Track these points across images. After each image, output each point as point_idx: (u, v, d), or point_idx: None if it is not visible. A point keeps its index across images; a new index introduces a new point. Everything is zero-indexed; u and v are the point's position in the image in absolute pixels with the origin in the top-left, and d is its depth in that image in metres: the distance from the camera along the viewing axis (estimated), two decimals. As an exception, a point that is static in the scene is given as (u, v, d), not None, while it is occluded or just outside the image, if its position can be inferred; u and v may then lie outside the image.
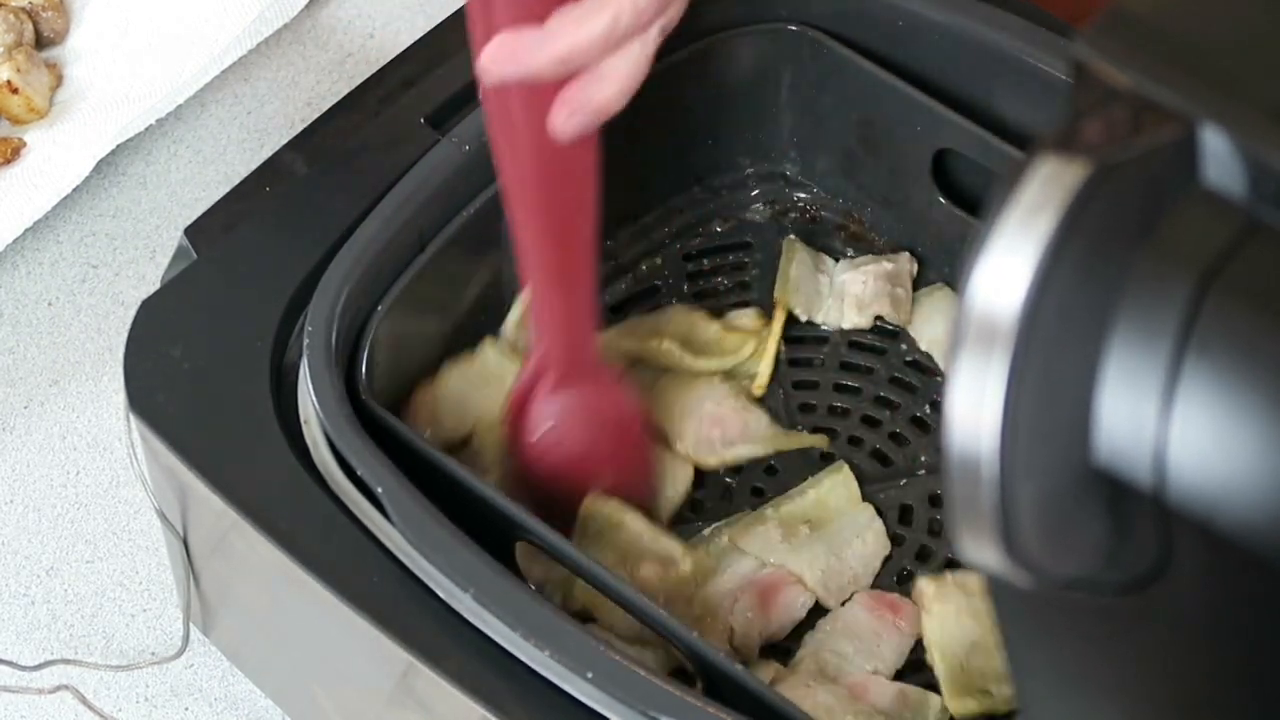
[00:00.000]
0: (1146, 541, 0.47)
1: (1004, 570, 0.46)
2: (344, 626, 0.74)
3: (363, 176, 0.84)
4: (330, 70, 1.06)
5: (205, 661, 0.87)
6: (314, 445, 0.77)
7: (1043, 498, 0.45)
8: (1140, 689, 0.53)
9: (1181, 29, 0.47)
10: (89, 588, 0.90)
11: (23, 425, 0.95)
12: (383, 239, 0.81)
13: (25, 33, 1.04)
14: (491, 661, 0.71)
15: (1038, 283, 0.43)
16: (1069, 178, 0.44)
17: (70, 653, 0.88)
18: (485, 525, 0.75)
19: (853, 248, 0.93)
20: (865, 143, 0.91)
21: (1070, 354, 0.45)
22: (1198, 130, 0.45)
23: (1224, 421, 0.44)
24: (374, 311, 0.81)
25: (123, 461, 0.93)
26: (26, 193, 0.99)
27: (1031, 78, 0.84)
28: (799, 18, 0.89)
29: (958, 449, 0.45)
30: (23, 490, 0.93)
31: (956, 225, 0.89)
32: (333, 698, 0.82)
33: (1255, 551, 0.44)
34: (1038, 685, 0.56)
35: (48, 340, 0.98)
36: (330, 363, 0.77)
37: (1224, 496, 0.44)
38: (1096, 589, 0.49)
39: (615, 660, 0.69)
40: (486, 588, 0.71)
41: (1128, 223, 0.45)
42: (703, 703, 0.68)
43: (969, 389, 0.44)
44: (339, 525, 0.75)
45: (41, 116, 1.03)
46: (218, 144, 1.04)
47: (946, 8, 0.86)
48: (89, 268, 1.00)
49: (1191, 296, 0.44)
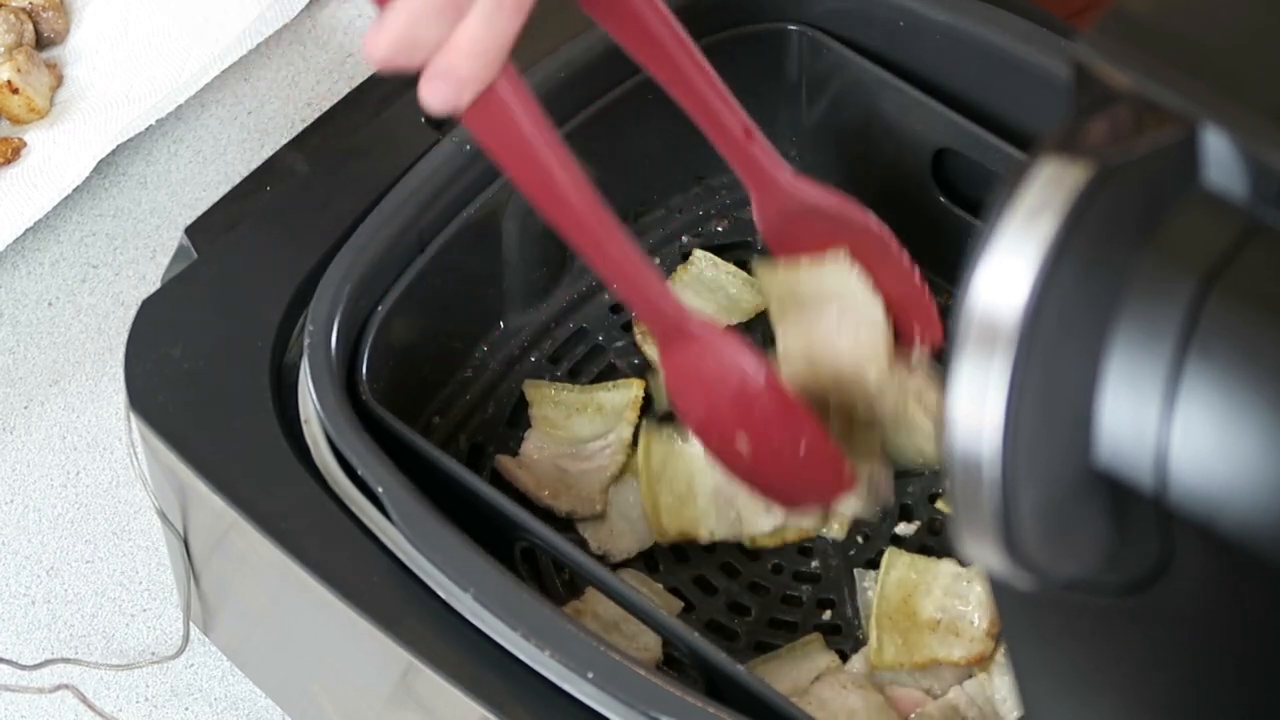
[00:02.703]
0: (1147, 543, 0.47)
1: (1005, 571, 0.46)
2: (344, 626, 0.74)
3: (363, 176, 0.84)
4: (330, 70, 1.06)
5: (205, 661, 0.87)
6: (314, 445, 0.77)
7: (1044, 499, 0.45)
8: (1141, 689, 0.53)
9: (1182, 29, 0.46)
10: (89, 588, 0.90)
11: (23, 425, 0.95)
12: (383, 239, 0.81)
13: (25, 33, 1.04)
14: (491, 661, 0.71)
15: (1039, 284, 0.43)
16: (1070, 179, 0.44)
17: (70, 652, 0.88)
18: (485, 525, 0.75)
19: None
20: (865, 143, 0.91)
21: (1072, 356, 0.45)
22: (1199, 131, 0.45)
23: (1225, 423, 0.44)
24: (374, 311, 0.81)
25: (123, 461, 0.93)
26: (26, 193, 0.99)
27: (1031, 78, 0.84)
28: (799, 18, 0.89)
29: (959, 450, 0.45)
30: (23, 490, 0.93)
31: (956, 225, 0.89)
32: (333, 698, 0.82)
33: (1256, 554, 0.44)
34: (1039, 685, 0.56)
35: (48, 340, 0.98)
36: (330, 363, 0.77)
37: (1225, 499, 0.44)
38: (1097, 590, 0.49)
39: (615, 660, 0.69)
40: (486, 588, 0.71)
41: (1129, 224, 0.45)
42: (703, 703, 0.68)
43: (970, 390, 0.44)
44: (339, 525, 0.75)
45: (41, 116, 1.03)
46: (218, 144, 1.04)
47: (946, 8, 0.86)
48: (89, 268, 1.00)
49: (1193, 298, 0.44)
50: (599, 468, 0.85)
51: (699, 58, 0.78)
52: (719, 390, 0.77)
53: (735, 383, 0.77)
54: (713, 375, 0.77)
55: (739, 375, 0.77)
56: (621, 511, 0.84)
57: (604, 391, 0.87)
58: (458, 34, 0.67)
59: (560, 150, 0.72)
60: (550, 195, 0.73)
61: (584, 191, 0.73)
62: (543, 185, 0.73)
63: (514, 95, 0.70)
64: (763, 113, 0.91)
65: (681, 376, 0.77)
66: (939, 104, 0.86)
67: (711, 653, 0.72)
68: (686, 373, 0.77)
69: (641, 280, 0.76)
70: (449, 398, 0.87)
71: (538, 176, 0.72)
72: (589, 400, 0.87)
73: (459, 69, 0.67)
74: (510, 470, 0.85)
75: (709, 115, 0.80)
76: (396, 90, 0.88)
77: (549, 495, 0.84)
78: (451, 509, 0.73)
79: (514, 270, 0.87)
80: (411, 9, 0.66)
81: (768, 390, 0.77)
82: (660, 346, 0.78)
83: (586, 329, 0.90)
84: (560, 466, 0.85)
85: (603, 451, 0.86)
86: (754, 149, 0.81)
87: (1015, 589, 0.47)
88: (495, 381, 0.88)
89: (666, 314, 0.77)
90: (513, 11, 0.67)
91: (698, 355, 0.77)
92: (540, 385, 0.88)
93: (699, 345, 0.77)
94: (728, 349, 0.77)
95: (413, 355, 0.84)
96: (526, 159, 0.72)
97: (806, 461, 0.79)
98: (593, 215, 0.74)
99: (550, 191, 0.73)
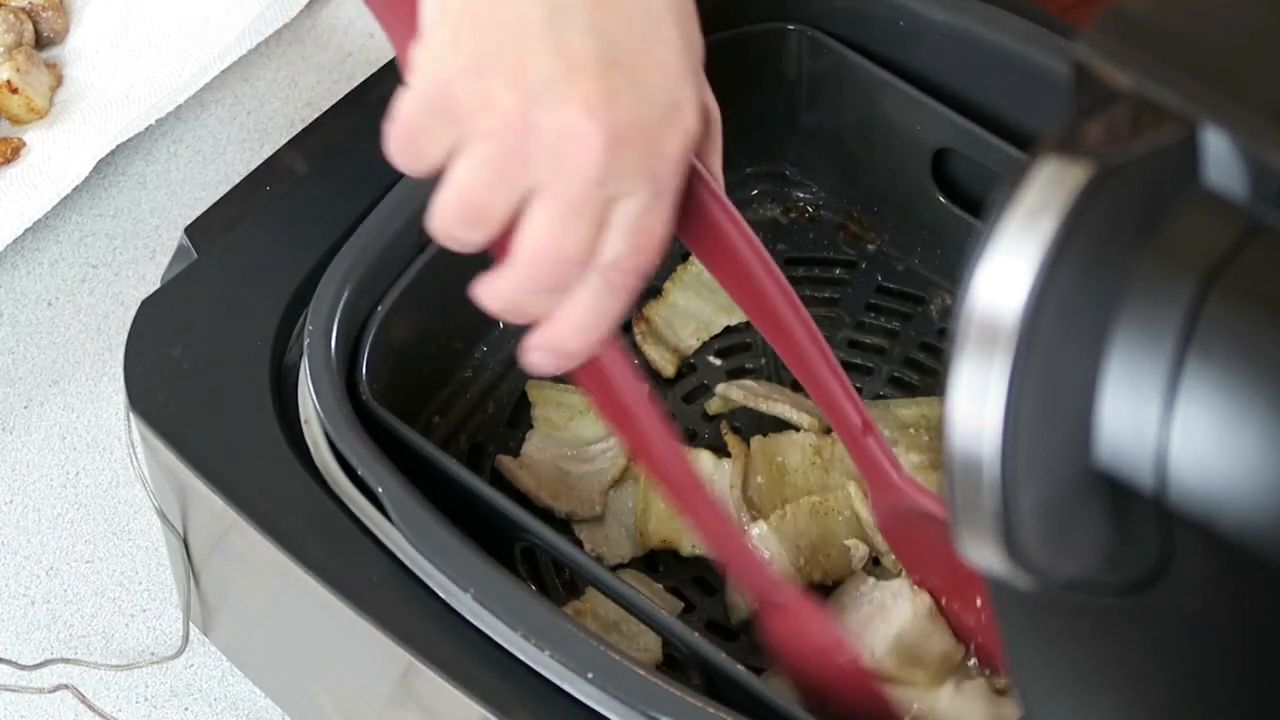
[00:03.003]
0: (1147, 543, 0.47)
1: (1005, 571, 0.46)
2: (344, 626, 0.74)
3: (363, 176, 0.84)
4: (330, 70, 1.06)
5: (205, 661, 0.87)
6: (314, 445, 0.77)
7: (1044, 500, 0.45)
8: (1141, 690, 0.53)
9: (1182, 29, 0.46)
10: (89, 588, 0.90)
11: (23, 425, 0.95)
12: (383, 239, 0.81)
13: (25, 33, 1.04)
14: (491, 661, 0.71)
15: (1039, 284, 0.43)
16: (1071, 179, 0.44)
17: (70, 652, 0.88)
18: (485, 525, 0.75)
19: (852, 248, 0.93)
20: (865, 143, 0.91)
21: (1072, 356, 0.45)
22: (1199, 131, 0.45)
23: (1225, 423, 0.44)
24: (374, 311, 0.81)
25: (123, 461, 0.93)
26: (26, 193, 0.99)
27: (1031, 78, 0.84)
28: (799, 18, 0.89)
29: (959, 450, 0.45)
30: (23, 490, 0.93)
31: (956, 225, 0.89)
32: (333, 698, 0.82)
33: (1256, 554, 0.44)
34: (1039, 685, 0.56)
35: (48, 340, 0.98)
36: (330, 363, 0.77)
37: (1225, 499, 0.44)
38: (1097, 590, 0.49)
39: (615, 660, 0.69)
40: (486, 588, 0.71)
41: (1129, 224, 0.45)
42: (703, 703, 0.68)
43: (970, 391, 0.44)
44: (339, 525, 0.75)
45: (41, 116, 1.03)
46: (218, 144, 1.04)
47: (946, 8, 0.86)
48: (89, 268, 1.00)
49: (1193, 298, 0.44)
50: (600, 470, 0.85)
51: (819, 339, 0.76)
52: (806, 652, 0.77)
53: (819, 649, 0.77)
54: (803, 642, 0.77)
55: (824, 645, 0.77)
56: (619, 517, 0.84)
57: None
58: (566, 309, 0.66)
59: (653, 411, 0.73)
60: (645, 452, 0.74)
61: (676, 455, 0.74)
62: (636, 441, 0.74)
63: (614, 363, 0.71)
64: (763, 113, 0.91)
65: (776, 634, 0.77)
66: (939, 104, 0.86)
67: (711, 653, 0.72)
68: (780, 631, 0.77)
69: (734, 545, 0.76)
70: (449, 398, 0.87)
71: (632, 433, 0.74)
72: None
73: (564, 345, 0.67)
74: (511, 470, 0.85)
75: (828, 402, 0.77)
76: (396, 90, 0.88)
77: (549, 496, 0.84)
78: (451, 509, 0.73)
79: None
80: (518, 279, 0.65)
81: (848, 662, 0.77)
82: (760, 605, 0.77)
83: (586, 329, 0.90)
84: (561, 468, 0.85)
85: (604, 454, 0.86)
86: (869, 443, 0.79)
87: (1015, 589, 0.47)
88: (495, 381, 0.88)
89: (761, 582, 0.77)
90: (622, 293, 0.66)
91: (791, 621, 0.77)
92: (543, 386, 0.88)
93: (789, 615, 0.77)
94: (815, 620, 0.77)
95: (413, 355, 0.84)
96: (623, 416, 0.73)
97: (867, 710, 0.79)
98: (685, 477, 0.75)
99: (645, 449, 0.74)
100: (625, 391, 0.72)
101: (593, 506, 0.84)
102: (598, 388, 0.72)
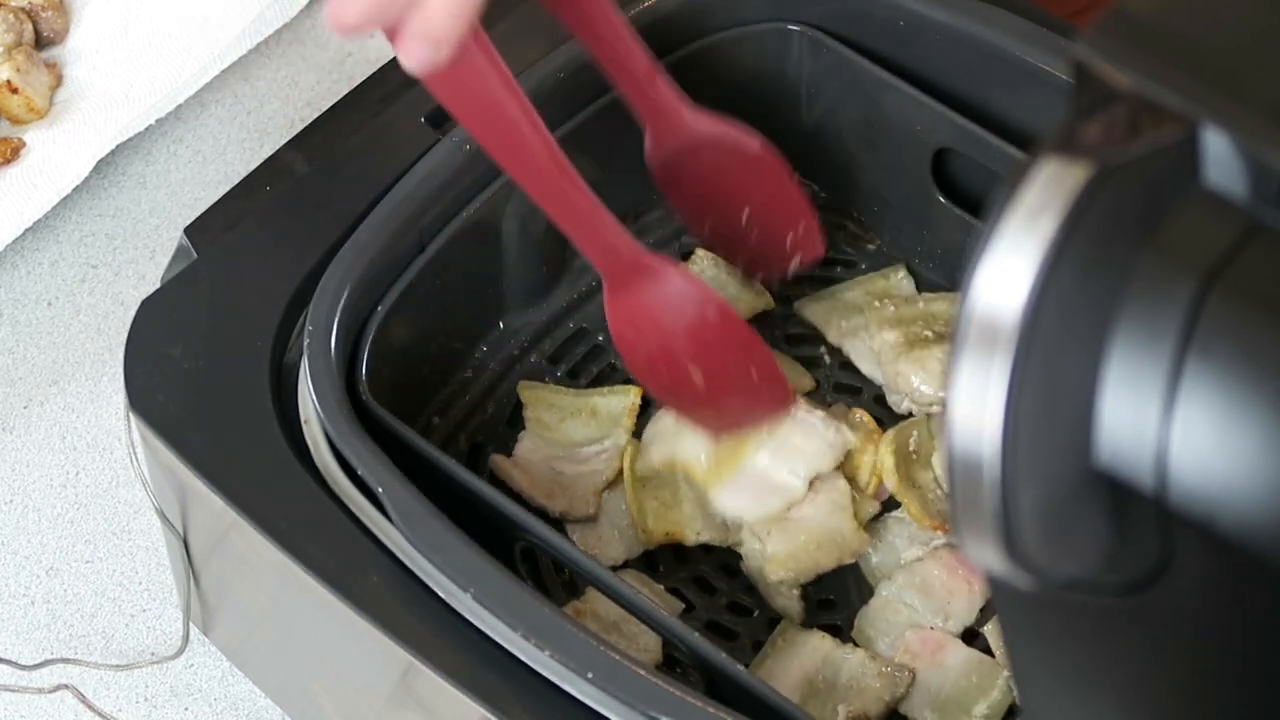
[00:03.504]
0: (1147, 543, 0.47)
1: (1005, 571, 0.46)
2: (344, 626, 0.74)
3: (363, 176, 0.84)
4: (330, 70, 1.06)
5: (205, 661, 0.87)
6: (314, 445, 0.77)
7: (1044, 500, 0.45)
8: (1141, 690, 0.53)
9: (1182, 29, 0.46)
10: (89, 588, 0.90)
11: (23, 425, 0.95)
12: (383, 239, 0.81)
13: (25, 33, 1.04)
14: (491, 661, 0.71)
15: (1039, 284, 0.43)
16: (1071, 179, 0.44)
17: (70, 652, 0.88)
18: (485, 525, 0.75)
19: (852, 248, 0.93)
20: (865, 143, 0.91)
21: (1072, 356, 0.45)
22: (1199, 131, 0.45)
23: (1225, 423, 0.44)
24: (374, 311, 0.81)
25: (123, 461, 0.93)
26: (26, 193, 0.99)
27: (1031, 78, 0.84)
28: (799, 18, 0.89)
29: (959, 450, 0.45)
30: (23, 490, 0.93)
31: (956, 225, 0.89)
32: (333, 698, 0.82)
33: (1256, 554, 0.44)
34: (1039, 685, 0.56)
35: (48, 340, 0.98)
36: (330, 363, 0.77)
37: (1225, 499, 0.44)
38: (1097, 590, 0.49)
39: (615, 660, 0.69)
40: (486, 588, 0.71)
41: (1129, 224, 0.45)
42: (703, 703, 0.68)
43: (971, 391, 0.44)
44: (339, 525, 0.75)
45: (41, 116, 1.03)
46: (218, 144, 1.04)
47: (946, 8, 0.86)
48: (89, 268, 1.00)
49: (1193, 298, 0.44)
50: (594, 471, 0.85)
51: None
52: (675, 321, 0.78)
53: (692, 311, 0.78)
54: (669, 307, 0.78)
55: (696, 303, 0.78)
56: (612, 519, 0.84)
57: (599, 396, 0.87)
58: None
59: (525, 102, 0.74)
60: (516, 147, 0.75)
61: (548, 141, 0.75)
62: (510, 137, 0.74)
63: (481, 49, 0.72)
64: (763, 113, 0.91)
65: (633, 314, 0.78)
66: (939, 104, 0.86)
67: (711, 653, 0.72)
68: (639, 309, 0.78)
69: (598, 220, 0.78)
70: (449, 398, 0.87)
71: (506, 130, 0.74)
72: (584, 404, 0.87)
73: (435, 28, 0.68)
74: (505, 470, 0.85)
75: (611, 54, 0.80)
76: (396, 90, 0.88)
77: (543, 496, 0.84)
78: (451, 509, 0.73)
79: (513, 270, 0.87)
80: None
81: (723, 317, 0.78)
82: (608, 289, 0.79)
83: (586, 329, 0.90)
84: (555, 468, 0.85)
85: (598, 456, 0.86)
86: (656, 86, 0.82)
87: (1015, 589, 0.47)
88: (495, 382, 0.88)
89: (621, 251, 0.78)
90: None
91: (654, 289, 0.78)
92: (534, 387, 0.88)
93: (657, 278, 0.78)
94: (682, 279, 0.79)
95: (412, 355, 0.84)
96: (494, 113, 0.73)
97: (758, 384, 0.79)
98: (555, 163, 0.75)
99: (517, 144, 0.74)
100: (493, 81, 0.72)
101: (587, 507, 0.84)
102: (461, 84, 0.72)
